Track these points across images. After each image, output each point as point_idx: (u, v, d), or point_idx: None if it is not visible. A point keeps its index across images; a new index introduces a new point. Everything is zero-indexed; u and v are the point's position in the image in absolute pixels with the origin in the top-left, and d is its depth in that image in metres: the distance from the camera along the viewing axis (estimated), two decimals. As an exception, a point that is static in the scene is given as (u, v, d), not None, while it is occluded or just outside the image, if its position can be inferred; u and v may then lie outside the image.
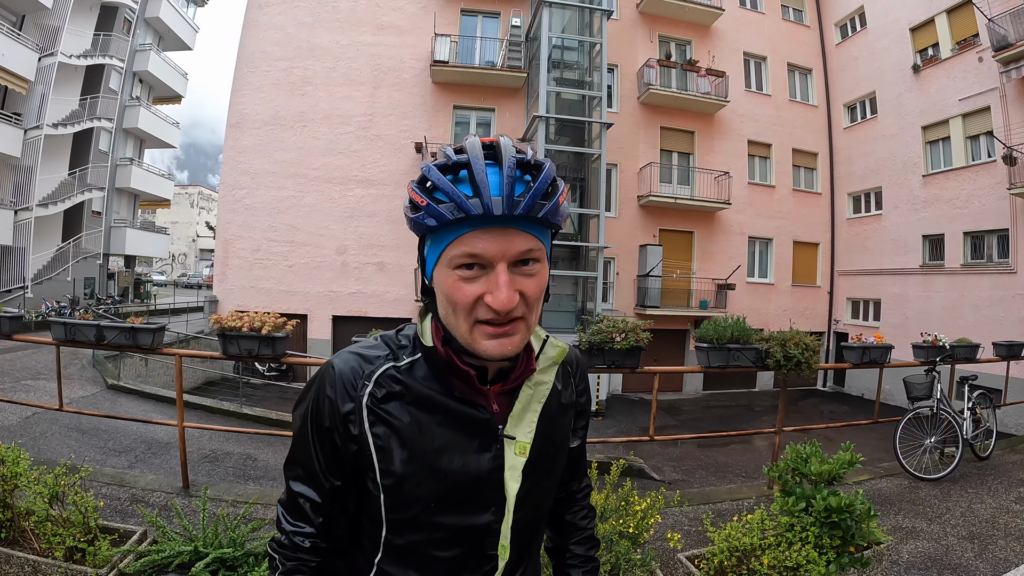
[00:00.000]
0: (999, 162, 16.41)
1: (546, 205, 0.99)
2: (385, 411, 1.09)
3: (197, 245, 73.97)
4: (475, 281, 0.99)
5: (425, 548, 1.13)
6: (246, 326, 5.05)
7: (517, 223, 0.98)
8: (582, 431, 1.40)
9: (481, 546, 1.15)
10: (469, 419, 1.11)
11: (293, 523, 1.18)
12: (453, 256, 0.99)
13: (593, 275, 17.82)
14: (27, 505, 3.70)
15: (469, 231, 0.97)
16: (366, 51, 19.67)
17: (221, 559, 3.25)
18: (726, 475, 10.93)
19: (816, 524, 3.54)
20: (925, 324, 13.71)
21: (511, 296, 0.97)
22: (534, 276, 1.01)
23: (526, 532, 1.21)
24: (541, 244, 1.02)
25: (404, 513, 1.11)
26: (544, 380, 1.20)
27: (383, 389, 1.10)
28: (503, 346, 1.01)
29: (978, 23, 17.29)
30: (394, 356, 1.14)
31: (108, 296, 26.54)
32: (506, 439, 1.14)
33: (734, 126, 21.97)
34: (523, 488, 1.14)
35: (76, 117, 24.10)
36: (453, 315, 1.02)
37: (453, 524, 1.12)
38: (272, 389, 16.83)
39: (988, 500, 5.87)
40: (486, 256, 0.97)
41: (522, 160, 0.99)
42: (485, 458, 1.12)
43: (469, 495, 1.12)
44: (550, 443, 1.21)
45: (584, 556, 1.45)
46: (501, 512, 1.14)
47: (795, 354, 5.75)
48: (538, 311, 1.06)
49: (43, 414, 8.89)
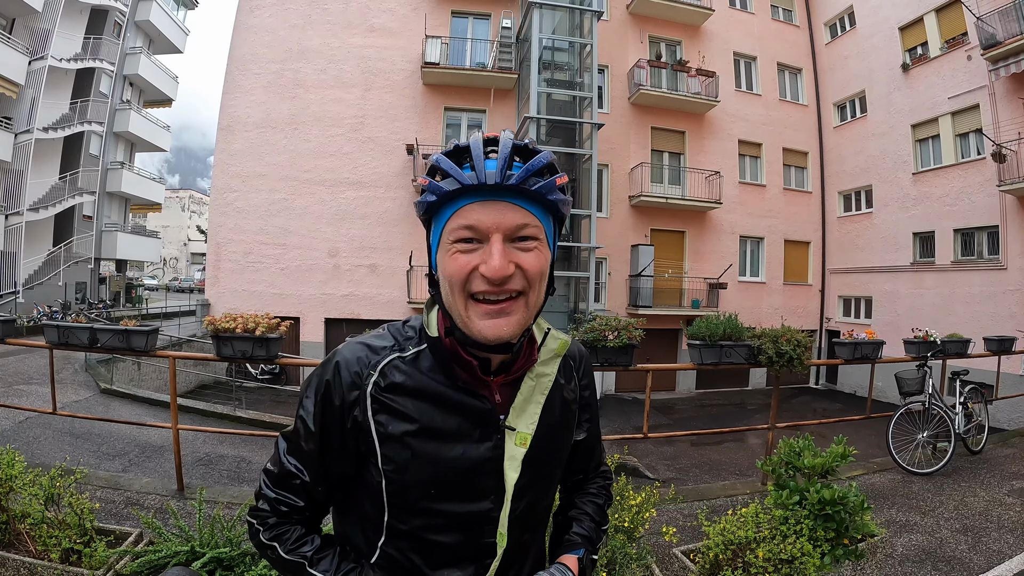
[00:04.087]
0: (989, 159, 16.50)
1: (540, 181, 1.03)
2: (389, 399, 1.11)
3: (188, 249, 73.66)
4: (471, 253, 1.02)
5: (426, 533, 1.15)
6: (240, 327, 5.05)
7: (512, 196, 1.02)
8: (587, 424, 1.42)
9: (480, 533, 1.17)
10: (471, 409, 1.13)
11: (277, 491, 1.19)
12: (451, 229, 1.03)
13: (585, 275, 17.85)
14: (22, 508, 3.69)
15: (466, 204, 1.02)
16: (357, 53, 19.64)
17: (218, 559, 3.25)
18: (720, 473, 10.95)
19: (810, 517, 3.57)
20: (916, 321, 13.77)
21: (503, 263, 0.99)
22: (531, 251, 1.04)
23: (526, 522, 1.23)
24: (539, 222, 1.05)
25: (405, 498, 1.13)
26: (546, 372, 1.22)
27: (387, 378, 1.12)
28: (498, 327, 1.03)
29: (967, 21, 17.39)
30: (400, 347, 1.16)
31: (100, 301, 26.40)
32: (507, 430, 1.16)
33: (724, 126, 22.03)
34: (522, 478, 1.16)
35: (66, 121, 23.97)
36: (450, 291, 1.04)
37: (452, 511, 1.14)
38: (266, 392, 16.80)
39: (981, 493, 5.91)
40: (481, 227, 1.01)
41: (519, 145, 1.03)
42: (485, 447, 1.14)
43: (468, 483, 1.14)
44: (552, 435, 1.23)
45: (588, 513, 1.45)
46: (500, 501, 1.16)
47: (787, 350, 5.78)
48: (539, 291, 1.08)
49: (36, 418, 8.85)
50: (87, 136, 25.62)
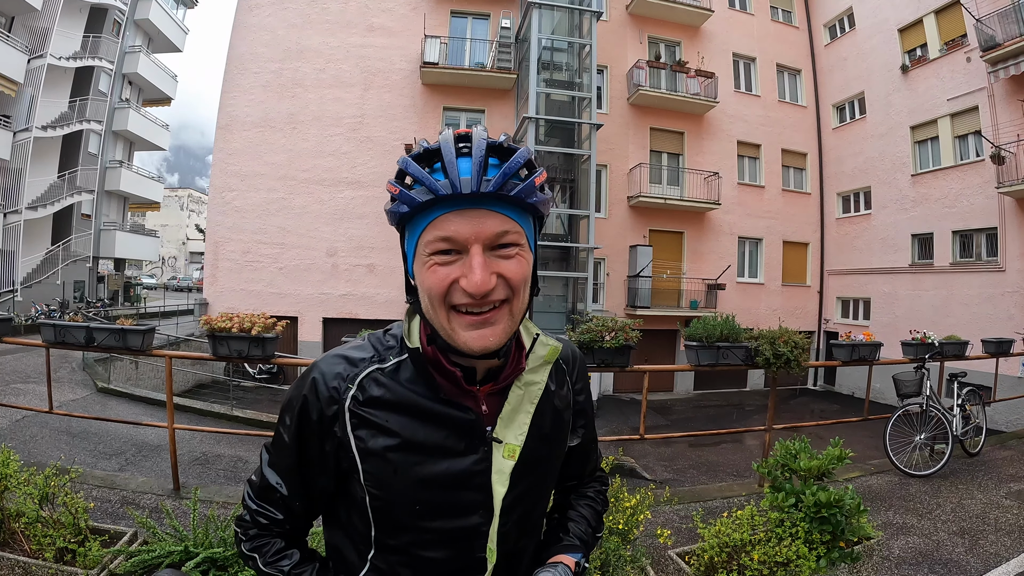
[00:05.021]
0: (987, 161, 16.51)
1: (519, 185, 0.98)
2: (368, 414, 1.08)
3: (187, 248, 73.63)
4: (450, 265, 0.98)
5: (414, 548, 1.12)
6: (236, 327, 5.04)
7: (490, 203, 0.97)
8: (582, 429, 1.36)
9: (470, 548, 1.13)
10: (455, 421, 1.09)
11: (258, 503, 1.17)
12: (428, 242, 0.98)
13: (583, 276, 17.84)
14: (17, 507, 3.67)
15: (441, 214, 0.97)
16: (356, 53, 19.65)
17: (211, 559, 3.24)
18: (717, 474, 10.95)
19: (806, 519, 3.57)
20: (915, 322, 13.78)
21: (485, 277, 0.95)
22: (513, 259, 1.00)
23: (516, 536, 1.19)
24: (519, 227, 1.01)
25: (390, 514, 1.10)
26: (535, 380, 1.17)
27: (366, 392, 1.09)
28: (483, 338, 0.99)
29: (966, 23, 17.40)
30: (380, 357, 1.12)
31: (98, 299, 26.39)
32: (494, 441, 1.12)
33: (723, 127, 22.04)
34: (511, 492, 1.13)
35: (65, 119, 23.94)
36: (431, 305, 1.01)
37: (440, 527, 1.11)
38: (263, 392, 16.78)
39: (978, 495, 5.91)
40: (459, 238, 0.96)
41: (493, 144, 0.99)
42: (470, 460, 1.10)
43: (454, 498, 1.10)
44: (543, 446, 1.19)
45: (584, 517, 1.41)
46: (489, 516, 1.12)
47: (784, 352, 5.77)
48: (523, 298, 1.04)
49: (33, 417, 8.83)
50: (86, 134, 25.61)
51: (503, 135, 1.03)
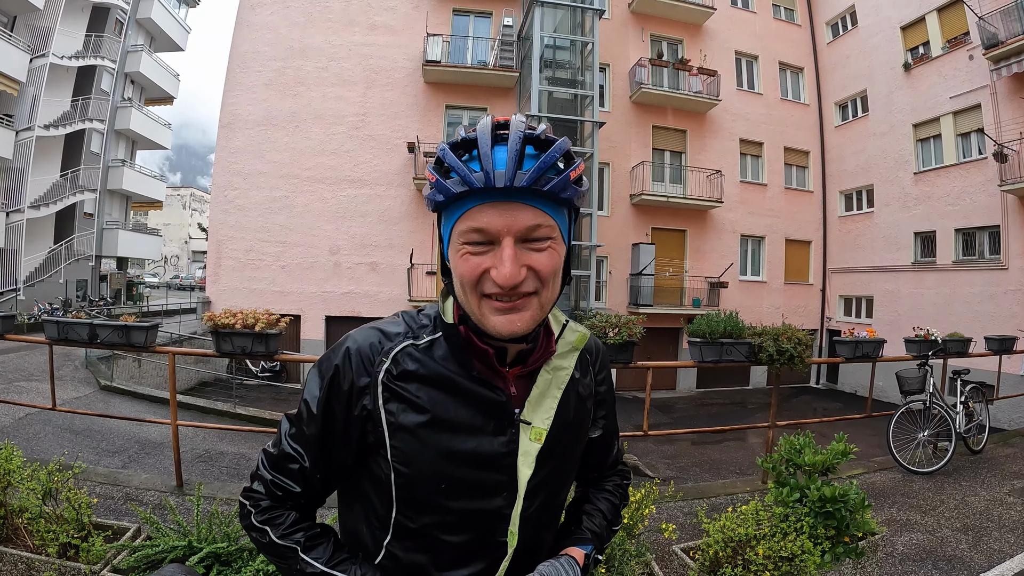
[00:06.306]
0: (990, 159, 16.48)
1: (554, 179, 0.98)
2: (401, 388, 1.09)
3: (189, 247, 73.70)
4: (482, 255, 0.99)
5: (434, 531, 1.12)
6: (240, 323, 5.04)
7: (524, 197, 0.97)
8: (603, 420, 1.38)
9: (491, 532, 1.14)
10: (485, 400, 1.10)
11: (273, 474, 1.16)
12: (461, 231, 1.00)
13: (586, 274, 17.85)
14: (20, 502, 3.67)
15: (475, 205, 0.98)
16: (358, 51, 19.65)
17: (215, 554, 3.24)
18: (720, 471, 10.94)
19: (810, 514, 3.56)
20: (917, 320, 13.74)
21: (515, 271, 0.96)
22: (544, 251, 1.00)
23: (538, 520, 1.20)
24: (552, 221, 1.01)
25: (413, 493, 1.10)
26: (563, 365, 1.19)
27: (400, 366, 1.10)
28: (512, 323, 1.00)
29: (968, 21, 17.35)
30: (413, 334, 1.14)
31: (100, 298, 26.39)
32: (522, 424, 1.13)
33: (726, 125, 22.01)
34: (536, 475, 1.13)
35: (68, 118, 23.98)
36: (463, 290, 1.02)
37: (463, 508, 1.11)
38: (266, 390, 16.82)
39: (982, 492, 5.90)
40: (491, 230, 0.97)
41: (531, 135, 0.98)
42: (499, 441, 1.11)
43: (479, 478, 1.11)
44: (567, 432, 1.20)
45: (601, 510, 1.41)
46: (512, 498, 1.13)
47: (787, 348, 5.77)
48: (554, 288, 1.05)
49: (36, 415, 8.85)
50: (88, 134, 25.63)
51: (543, 124, 1.02)
